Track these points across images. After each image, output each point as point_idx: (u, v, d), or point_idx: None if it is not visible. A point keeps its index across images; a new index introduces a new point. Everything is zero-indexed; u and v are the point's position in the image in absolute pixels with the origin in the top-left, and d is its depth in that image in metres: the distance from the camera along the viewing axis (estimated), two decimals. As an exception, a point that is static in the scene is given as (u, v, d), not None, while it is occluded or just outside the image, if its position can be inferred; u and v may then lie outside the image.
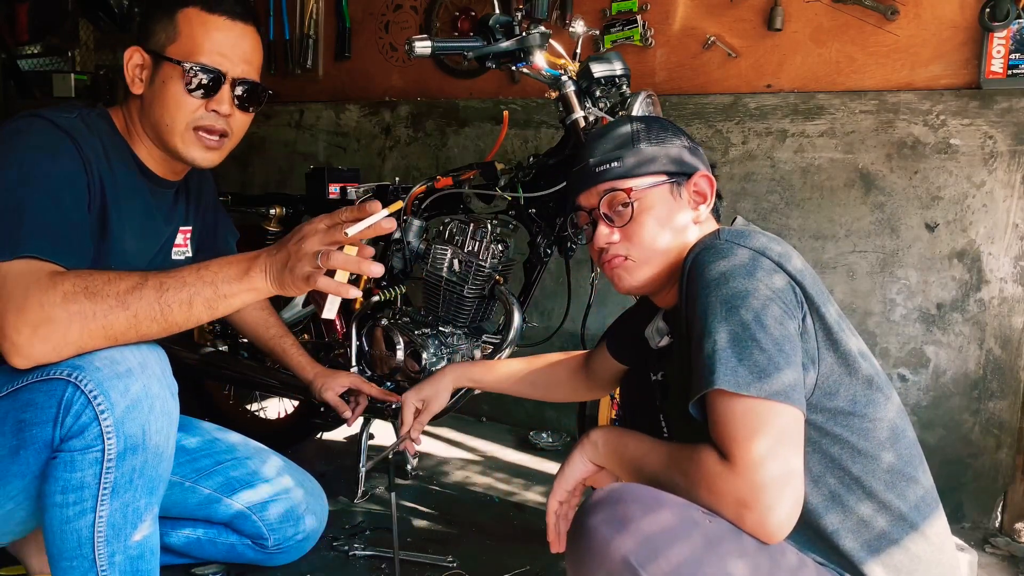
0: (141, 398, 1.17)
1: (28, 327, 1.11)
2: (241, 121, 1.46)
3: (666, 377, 1.38)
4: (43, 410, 1.16)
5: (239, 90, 1.42)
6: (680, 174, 1.30)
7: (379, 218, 1.11)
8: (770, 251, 1.16)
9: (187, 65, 1.37)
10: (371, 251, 1.15)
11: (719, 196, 1.35)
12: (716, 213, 1.36)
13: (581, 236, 1.38)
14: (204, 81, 1.38)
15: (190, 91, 1.38)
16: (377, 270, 1.13)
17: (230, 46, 1.40)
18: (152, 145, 1.45)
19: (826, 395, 1.15)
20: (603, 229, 1.30)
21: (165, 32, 1.39)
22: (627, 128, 1.33)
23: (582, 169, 1.34)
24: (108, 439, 1.15)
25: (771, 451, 1.03)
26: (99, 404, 1.14)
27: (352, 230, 1.11)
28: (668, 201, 1.29)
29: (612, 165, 1.30)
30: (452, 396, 1.73)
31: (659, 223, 1.28)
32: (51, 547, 1.21)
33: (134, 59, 1.41)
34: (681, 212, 1.30)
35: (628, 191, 1.28)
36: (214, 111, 1.40)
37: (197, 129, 1.41)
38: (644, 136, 1.31)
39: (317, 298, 1.24)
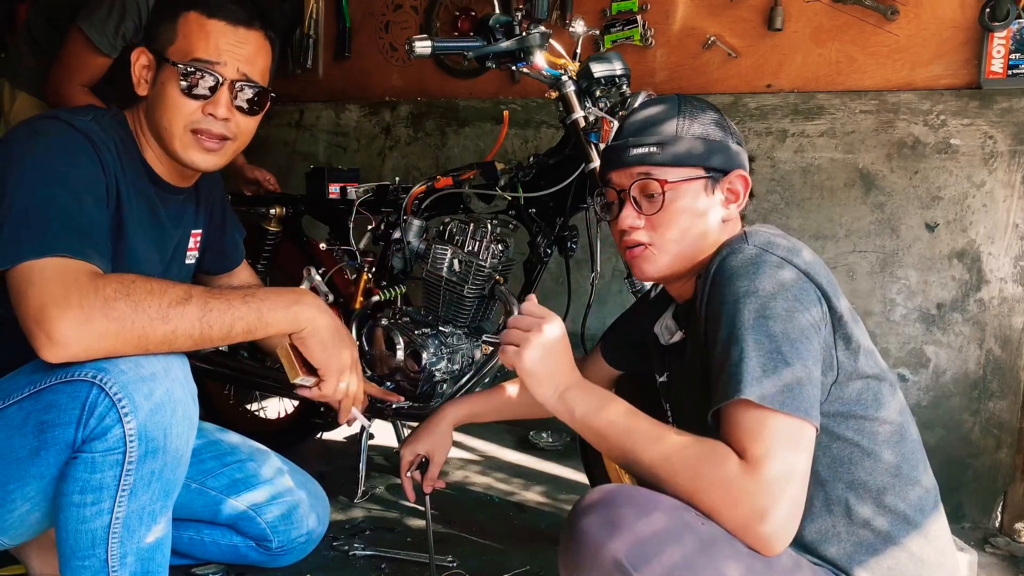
0: (164, 402, 1.18)
1: (67, 323, 1.11)
2: (244, 124, 1.45)
3: (672, 377, 1.37)
4: (66, 411, 1.16)
5: (239, 93, 1.41)
6: (718, 170, 1.25)
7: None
8: (799, 260, 1.15)
9: (181, 66, 1.35)
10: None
11: (751, 195, 1.31)
12: (743, 214, 1.31)
13: (607, 213, 1.33)
14: (199, 83, 1.37)
15: (185, 92, 1.37)
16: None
17: (228, 50, 1.39)
18: (158, 149, 1.45)
19: (838, 399, 1.14)
20: (629, 212, 1.26)
21: (167, 34, 1.39)
22: (673, 111, 1.26)
23: (619, 146, 1.28)
24: (130, 442, 1.15)
25: (787, 468, 1.03)
26: (123, 407, 1.14)
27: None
28: (700, 197, 1.25)
29: (650, 150, 1.24)
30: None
31: (687, 218, 1.24)
32: (64, 546, 1.21)
33: (140, 60, 1.41)
34: (711, 210, 1.26)
35: (663, 182, 1.24)
36: (211, 114, 1.39)
37: (196, 132, 1.40)
38: (689, 124, 1.25)
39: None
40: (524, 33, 1.84)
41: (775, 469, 1.03)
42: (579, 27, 1.98)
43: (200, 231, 1.65)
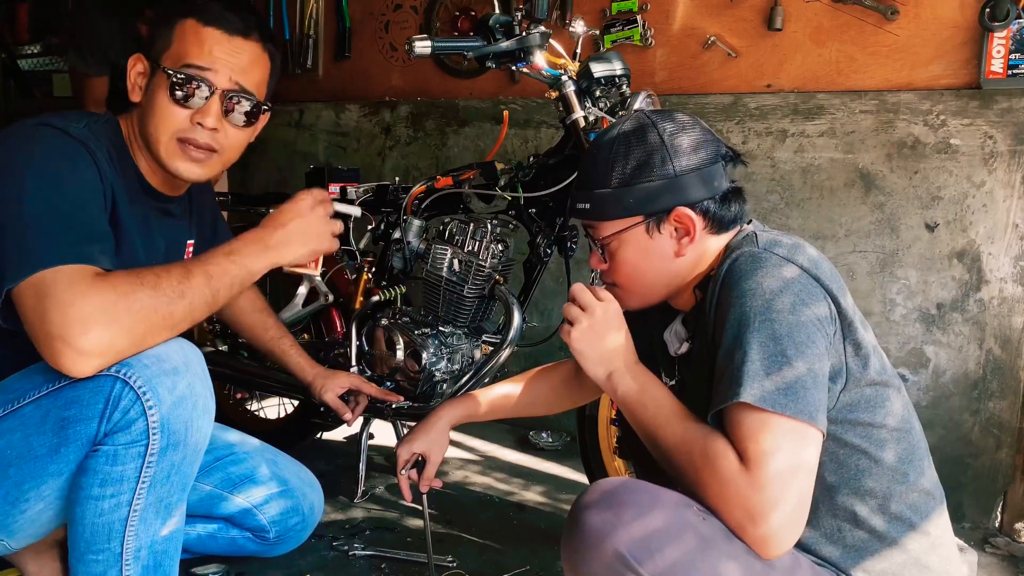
0: (186, 395, 1.21)
1: (96, 329, 1.12)
2: (233, 137, 1.41)
3: (682, 382, 1.36)
4: (88, 407, 1.17)
5: (231, 104, 1.38)
6: (657, 212, 1.23)
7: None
8: (805, 261, 1.15)
9: (171, 72, 1.33)
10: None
11: (743, 199, 1.30)
12: (736, 219, 1.30)
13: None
14: (188, 90, 1.34)
15: (174, 100, 1.34)
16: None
17: (221, 58, 1.36)
18: (148, 156, 1.43)
19: (847, 406, 1.14)
20: (595, 256, 1.32)
21: (163, 41, 1.37)
22: (606, 159, 1.25)
23: (572, 195, 1.32)
24: (153, 434, 1.18)
25: (787, 471, 1.03)
26: (147, 400, 1.16)
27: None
28: (644, 241, 1.25)
29: (585, 206, 1.27)
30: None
31: (638, 262, 1.26)
32: (78, 540, 1.22)
33: (137, 67, 1.40)
34: (662, 248, 1.25)
35: (603, 238, 1.27)
36: (199, 124, 1.35)
37: (182, 141, 1.37)
38: (619, 172, 1.23)
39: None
40: (524, 33, 1.84)
41: (772, 473, 1.02)
42: (579, 27, 1.99)
43: (193, 242, 1.64)
